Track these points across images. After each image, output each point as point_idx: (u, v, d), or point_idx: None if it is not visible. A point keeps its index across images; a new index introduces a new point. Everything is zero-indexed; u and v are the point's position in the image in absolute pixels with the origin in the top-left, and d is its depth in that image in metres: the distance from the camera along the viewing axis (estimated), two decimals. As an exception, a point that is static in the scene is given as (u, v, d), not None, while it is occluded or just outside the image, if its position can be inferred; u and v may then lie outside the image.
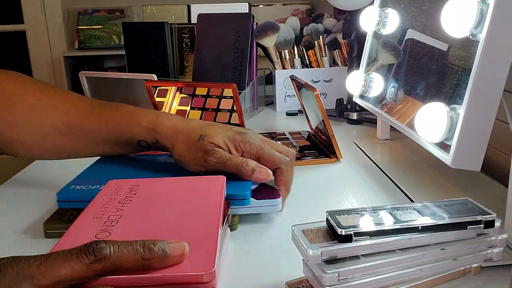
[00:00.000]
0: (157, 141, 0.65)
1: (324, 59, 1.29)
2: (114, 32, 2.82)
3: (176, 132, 0.64)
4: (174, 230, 0.42)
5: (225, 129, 0.64)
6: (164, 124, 0.64)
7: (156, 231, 0.43)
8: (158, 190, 0.53)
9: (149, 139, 0.65)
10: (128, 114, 0.66)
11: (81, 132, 0.67)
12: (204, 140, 0.62)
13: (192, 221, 0.44)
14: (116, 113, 0.67)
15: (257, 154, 0.62)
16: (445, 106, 0.56)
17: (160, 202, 0.49)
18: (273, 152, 0.62)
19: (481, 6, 0.51)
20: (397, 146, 0.93)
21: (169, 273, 0.35)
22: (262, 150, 0.62)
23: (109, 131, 0.66)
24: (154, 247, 0.35)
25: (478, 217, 0.44)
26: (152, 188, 0.54)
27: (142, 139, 0.65)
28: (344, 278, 0.40)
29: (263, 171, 0.60)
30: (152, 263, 0.35)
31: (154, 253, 0.35)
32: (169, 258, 0.36)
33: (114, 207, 0.48)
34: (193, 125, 0.65)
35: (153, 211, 0.47)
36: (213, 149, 0.61)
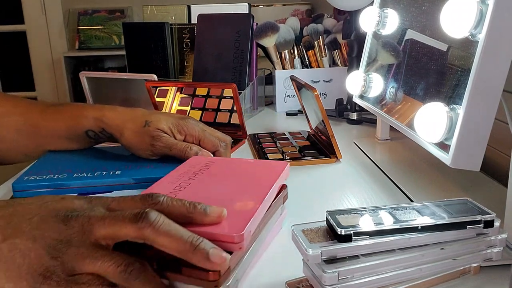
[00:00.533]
0: (104, 130, 0.70)
1: (324, 59, 1.29)
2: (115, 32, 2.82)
3: (123, 121, 0.69)
4: (225, 199, 0.49)
5: (169, 115, 0.71)
6: (110, 114, 0.69)
7: (211, 198, 0.50)
8: (228, 167, 0.61)
9: (96, 129, 0.70)
10: (76, 108, 0.71)
11: (38, 130, 0.71)
12: (150, 126, 0.68)
13: (244, 195, 0.52)
14: (67, 109, 0.72)
15: (199, 136, 0.69)
16: (444, 106, 0.56)
17: (224, 177, 0.57)
18: (212, 136, 0.70)
19: (481, 7, 0.51)
20: (396, 146, 0.93)
21: (208, 230, 0.42)
22: (204, 133, 0.70)
23: (60, 126, 0.71)
24: (198, 205, 0.42)
25: (477, 217, 0.44)
26: (223, 166, 0.61)
27: (89, 129, 0.70)
28: (344, 277, 0.40)
29: (205, 153, 0.68)
30: (194, 217, 0.42)
31: (196, 209, 0.42)
32: (208, 217, 0.42)
33: (187, 177, 0.56)
34: (138, 113, 0.70)
35: (215, 183, 0.55)
36: (158, 134, 0.67)
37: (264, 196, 0.50)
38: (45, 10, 2.86)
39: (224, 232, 0.42)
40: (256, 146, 0.93)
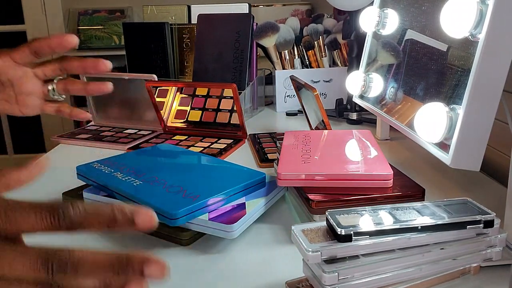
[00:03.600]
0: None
1: (324, 60, 1.29)
2: (115, 32, 2.82)
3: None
4: (350, 157, 0.65)
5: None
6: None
7: (341, 155, 0.66)
8: (326, 138, 0.75)
9: None
10: None
11: None
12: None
13: (364, 150, 0.67)
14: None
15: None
16: (444, 106, 0.56)
17: (331, 142, 0.73)
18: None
19: (481, 7, 0.51)
20: (396, 146, 0.93)
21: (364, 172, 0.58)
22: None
23: None
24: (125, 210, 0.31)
25: (477, 217, 0.44)
26: (321, 136, 0.75)
27: None
28: (344, 277, 0.40)
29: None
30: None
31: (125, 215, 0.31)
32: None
33: (301, 143, 0.70)
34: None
35: (330, 147, 0.70)
36: None
37: (379, 148, 0.67)
38: (45, 10, 2.86)
39: (379, 172, 0.58)
40: (256, 146, 0.93)
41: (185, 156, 0.76)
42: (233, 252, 0.55)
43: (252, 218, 0.58)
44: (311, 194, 0.57)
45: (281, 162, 0.63)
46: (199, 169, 0.70)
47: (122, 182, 0.61)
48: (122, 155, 0.72)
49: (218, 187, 0.58)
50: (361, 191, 0.58)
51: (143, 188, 0.59)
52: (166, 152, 0.78)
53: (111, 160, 0.69)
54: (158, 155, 0.76)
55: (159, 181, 0.61)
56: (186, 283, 0.49)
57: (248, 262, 0.53)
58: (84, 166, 0.67)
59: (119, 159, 0.71)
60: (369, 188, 0.58)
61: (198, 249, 0.56)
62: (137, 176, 0.63)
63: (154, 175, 0.63)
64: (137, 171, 0.65)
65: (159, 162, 0.73)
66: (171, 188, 0.58)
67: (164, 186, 0.59)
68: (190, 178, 0.62)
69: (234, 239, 0.56)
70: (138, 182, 0.61)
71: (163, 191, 0.58)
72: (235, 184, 0.60)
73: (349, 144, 0.71)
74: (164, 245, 0.57)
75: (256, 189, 0.62)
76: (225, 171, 0.67)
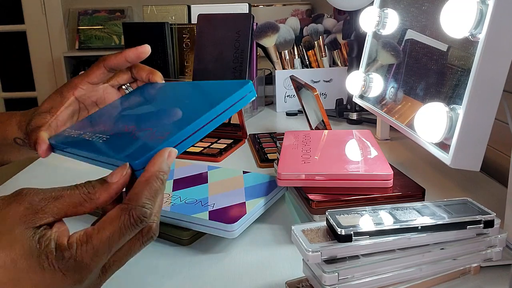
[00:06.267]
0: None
1: (324, 60, 1.29)
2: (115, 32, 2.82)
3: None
4: (352, 155, 0.66)
5: None
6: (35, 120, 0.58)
7: (341, 155, 0.66)
8: (326, 138, 0.75)
9: (22, 136, 0.61)
10: (5, 115, 0.64)
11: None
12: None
13: (364, 150, 0.67)
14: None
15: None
16: (444, 106, 0.56)
17: (331, 142, 0.73)
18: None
19: (481, 7, 0.51)
20: (396, 146, 0.93)
21: (365, 172, 0.58)
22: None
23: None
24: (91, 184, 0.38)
25: (477, 217, 0.44)
26: (321, 136, 0.75)
27: (16, 136, 0.62)
28: (344, 277, 0.40)
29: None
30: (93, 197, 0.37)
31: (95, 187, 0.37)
32: (110, 186, 0.38)
33: (301, 143, 0.71)
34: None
35: (330, 147, 0.70)
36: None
37: (379, 148, 0.68)
38: (45, 10, 2.86)
39: (380, 172, 0.59)
40: (256, 146, 0.93)
41: (162, 91, 0.60)
42: (233, 252, 0.55)
43: (252, 217, 0.58)
44: (311, 194, 0.57)
45: (281, 162, 0.63)
46: (171, 100, 0.56)
47: (89, 143, 0.50)
48: (98, 111, 0.60)
49: (191, 116, 0.46)
50: (361, 191, 0.58)
51: (109, 143, 0.48)
52: (144, 94, 0.62)
53: (84, 121, 0.58)
54: (134, 101, 0.61)
55: (129, 130, 0.50)
56: (186, 283, 0.49)
57: (248, 262, 0.52)
58: (55, 137, 0.55)
59: (93, 116, 0.58)
60: (369, 188, 0.58)
61: (198, 249, 0.56)
62: (106, 130, 0.52)
63: (125, 124, 0.53)
64: (107, 125, 0.54)
65: (134, 108, 0.59)
66: (141, 133, 0.47)
67: (133, 133, 0.48)
68: (161, 114, 0.52)
69: (234, 239, 0.56)
70: (105, 138, 0.50)
71: (129, 139, 0.47)
72: (214, 104, 0.46)
73: (349, 144, 0.71)
74: (164, 245, 0.57)
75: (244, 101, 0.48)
76: (201, 93, 0.54)
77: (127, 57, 0.56)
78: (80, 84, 0.57)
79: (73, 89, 0.57)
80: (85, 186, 0.37)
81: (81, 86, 0.57)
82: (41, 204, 0.35)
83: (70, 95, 0.57)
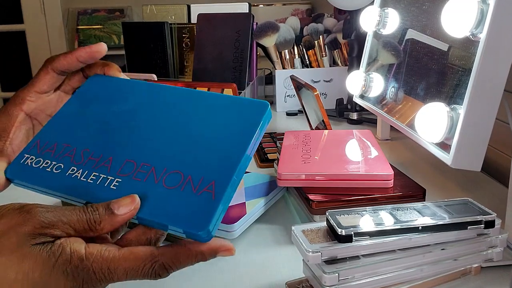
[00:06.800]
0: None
1: (324, 59, 1.29)
2: (114, 32, 2.82)
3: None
4: (351, 157, 0.66)
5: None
6: None
7: (342, 156, 0.66)
8: (326, 138, 0.76)
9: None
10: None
11: None
12: None
13: (364, 150, 0.68)
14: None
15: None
16: (445, 106, 0.56)
17: (332, 142, 0.73)
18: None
19: (482, 6, 0.51)
20: (397, 146, 0.93)
21: (365, 172, 0.58)
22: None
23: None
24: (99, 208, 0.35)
25: (478, 217, 0.44)
26: (321, 136, 0.76)
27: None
28: (344, 278, 0.40)
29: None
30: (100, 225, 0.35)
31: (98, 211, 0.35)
32: (116, 216, 0.35)
33: (302, 143, 0.71)
34: None
35: (331, 147, 0.71)
36: None
37: (379, 148, 0.68)
38: (44, 9, 2.86)
39: (380, 172, 0.59)
40: (256, 146, 0.93)
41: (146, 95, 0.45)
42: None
43: (252, 218, 0.58)
44: (311, 194, 0.57)
45: (281, 162, 0.63)
46: (175, 119, 0.41)
47: (91, 187, 0.37)
48: (54, 122, 0.45)
49: (226, 154, 0.37)
50: (362, 191, 0.58)
51: (127, 191, 0.36)
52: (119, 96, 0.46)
53: (46, 139, 0.43)
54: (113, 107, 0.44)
55: (142, 168, 0.38)
56: (186, 283, 0.49)
57: (248, 262, 0.52)
58: (14, 167, 0.41)
59: (58, 133, 0.43)
60: (369, 188, 0.58)
61: (198, 249, 0.55)
62: (104, 165, 0.39)
63: (128, 156, 0.39)
64: (98, 154, 0.40)
65: (122, 123, 0.42)
66: (168, 179, 0.37)
67: (157, 178, 0.37)
68: (183, 145, 0.38)
69: (234, 239, 0.56)
70: (113, 181, 0.38)
71: (158, 189, 0.36)
72: (245, 140, 0.37)
73: (349, 144, 0.71)
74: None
75: (264, 127, 0.39)
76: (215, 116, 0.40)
77: (78, 58, 0.47)
78: (28, 96, 0.47)
79: (20, 104, 0.46)
80: (92, 213, 0.35)
81: (29, 99, 0.47)
82: (52, 222, 0.34)
83: (18, 112, 0.46)
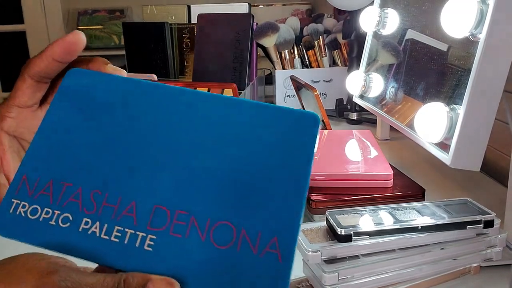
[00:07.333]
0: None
1: (324, 59, 1.29)
2: (114, 32, 2.82)
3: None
4: (351, 157, 0.67)
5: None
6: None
7: (343, 155, 0.67)
8: (326, 138, 0.76)
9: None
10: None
11: None
12: None
13: (364, 150, 0.68)
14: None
15: None
16: (444, 106, 0.56)
17: (332, 142, 0.74)
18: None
19: (481, 6, 0.51)
20: (396, 146, 0.93)
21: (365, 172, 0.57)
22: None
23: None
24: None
25: (477, 217, 0.44)
26: (321, 136, 0.76)
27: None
28: (344, 277, 0.40)
29: None
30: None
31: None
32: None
33: None
34: None
35: (330, 147, 0.71)
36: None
37: (379, 148, 0.68)
38: (45, 10, 2.87)
39: (380, 172, 0.59)
40: (256, 146, 0.93)
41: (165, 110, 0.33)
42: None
43: None
44: (311, 194, 0.57)
45: None
46: (220, 147, 0.30)
47: (117, 248, 0.28)
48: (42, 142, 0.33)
49: (286, 189, 0.29)
50: (361, 191, 0.58)
51: (168, 253, 0.27)
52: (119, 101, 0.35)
53: (36, 175, 0.31)
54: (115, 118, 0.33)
55: (179, 218, 0.28)
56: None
57: None
58: (2, 220, 0.29)
59: (49, 162, 0.31)
60: (369, 188, 0.58)
61: (198, 249, 0.55)
62: (126, 214, 0.29)
63: (156, 199, 0.29)
64: (115, 197, 0.29)
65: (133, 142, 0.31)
66: (217, 234, 0.28)
67: (202, 233, 0.28)
68: (225, 181, 0.29)
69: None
70: (145, 238, 0.28)
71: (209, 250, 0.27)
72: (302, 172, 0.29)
73: (349, 144, 0.71)
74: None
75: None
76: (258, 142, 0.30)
77: (54, 56, 0.35)
78: (6, 112, 0.37)
79: (0, 121, 0.36)
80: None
81: (9, 115, 0.37)
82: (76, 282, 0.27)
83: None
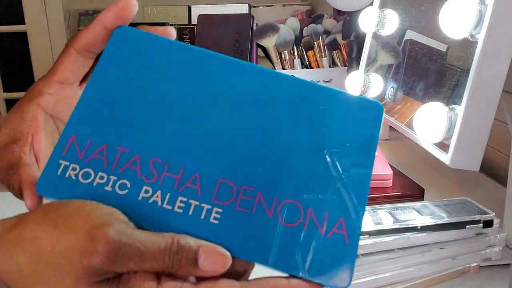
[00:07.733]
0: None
1: (324, 60, 1.29)
2: (115, 33, 2.82)
3: None
4: None
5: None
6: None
7: None
8: None
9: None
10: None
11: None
12: None
13: None
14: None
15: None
16: (444, 106, 0.56)
17: None
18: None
19: (480, 7, 0.51)
20: (396, 146, 0.93)
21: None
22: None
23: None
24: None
25: (476, 217, 0.44)
26: None
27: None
28: (343, 277, 0.40)
29: None
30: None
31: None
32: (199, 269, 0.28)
33: None
34: None
35: None
36: None
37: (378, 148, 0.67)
38: (46, 10, 2.87)
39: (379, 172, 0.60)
40: (256, 146, 0.93)
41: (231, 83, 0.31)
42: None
43: None
44: (311, 194, 0.57)
45: None
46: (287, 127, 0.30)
47: (182, 219, 0.28)
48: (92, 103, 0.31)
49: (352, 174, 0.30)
50: (361, 191, 0.58)
51: (235, 227, 0.29)
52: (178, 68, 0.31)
53: (86, 136, 0.30)
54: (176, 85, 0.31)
55: (245, 193, 0.29)
56: (186, 283, 0.49)
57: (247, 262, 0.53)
58: (49, 181, 0.29)
59: (102, 125, 0.30)
60: (368, 188, 0.58)
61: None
62: (190, 185, 0.29)
63: (222, 173, 0.29)
64: (177, 167, 0.29)
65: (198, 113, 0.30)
66: (283, 212, 0.29)
67: (269, 210, 0.29)
68: (291, 162, 0.30)
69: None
70: (210, 211, 0.29)
71: (276, 226, 0.29)
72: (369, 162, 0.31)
73: None
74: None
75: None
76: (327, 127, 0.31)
77: (105, 22, 0.32)
78: (45, 87, 0.35)
79: (36, 98, 0.34)
80: (174, 255, 0.27)
81: (48, 91, 0.35)
82: (126, 253, 0.26)
83: (34, 108, 0.34)
